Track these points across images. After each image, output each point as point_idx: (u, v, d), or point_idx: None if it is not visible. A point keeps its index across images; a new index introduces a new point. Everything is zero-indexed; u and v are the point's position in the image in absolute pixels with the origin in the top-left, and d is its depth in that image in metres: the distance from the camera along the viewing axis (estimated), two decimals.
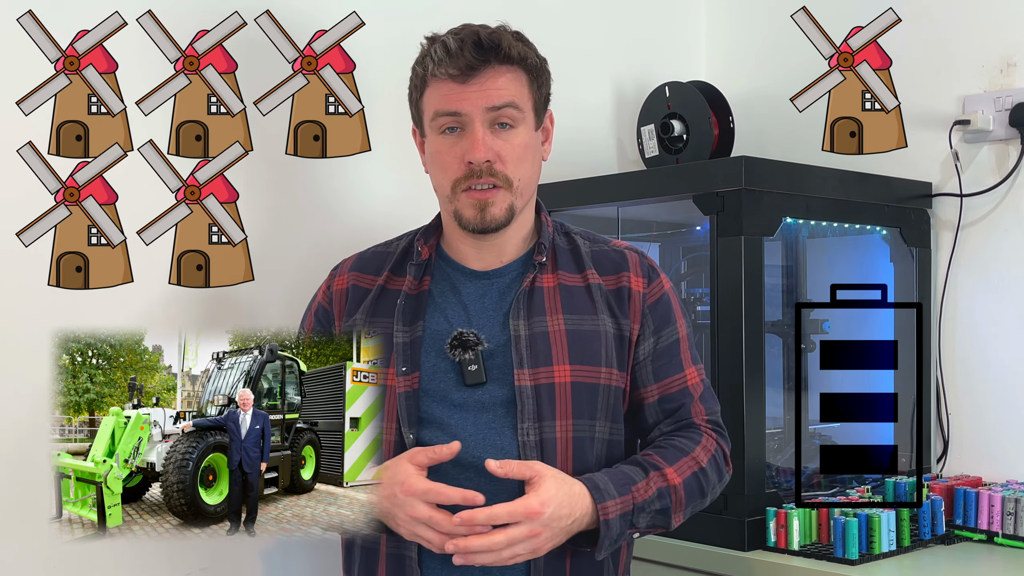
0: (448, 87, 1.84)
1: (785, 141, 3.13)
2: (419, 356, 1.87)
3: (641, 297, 1.95)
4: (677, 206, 2.68)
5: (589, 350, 1.89)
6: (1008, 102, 2.69)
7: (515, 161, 1.86)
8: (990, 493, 2.43)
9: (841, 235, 2.89)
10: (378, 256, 2.01)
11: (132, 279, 2.31)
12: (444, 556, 1.75)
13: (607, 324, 1.92)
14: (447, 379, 1.86)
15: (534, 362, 1.85)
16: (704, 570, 2.38)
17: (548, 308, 1.90)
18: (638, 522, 1.81)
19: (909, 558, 2.30)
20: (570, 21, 3.05)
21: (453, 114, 1.84)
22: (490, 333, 1.87)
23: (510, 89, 1.85)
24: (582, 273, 1.95)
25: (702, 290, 2.76)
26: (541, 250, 1.94)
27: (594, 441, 1.87)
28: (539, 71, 1.91)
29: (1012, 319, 2.71)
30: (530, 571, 1.81)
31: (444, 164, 1.88)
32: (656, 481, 1.83)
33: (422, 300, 1.91)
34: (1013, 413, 2.70)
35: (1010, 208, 2.72)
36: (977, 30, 2.78)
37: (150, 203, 2.34)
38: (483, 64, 1.83)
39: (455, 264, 1.95)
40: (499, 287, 1.92)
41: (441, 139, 1.87)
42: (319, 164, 2.56)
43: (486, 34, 1.83)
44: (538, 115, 1.93)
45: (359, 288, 1.97)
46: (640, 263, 1.98)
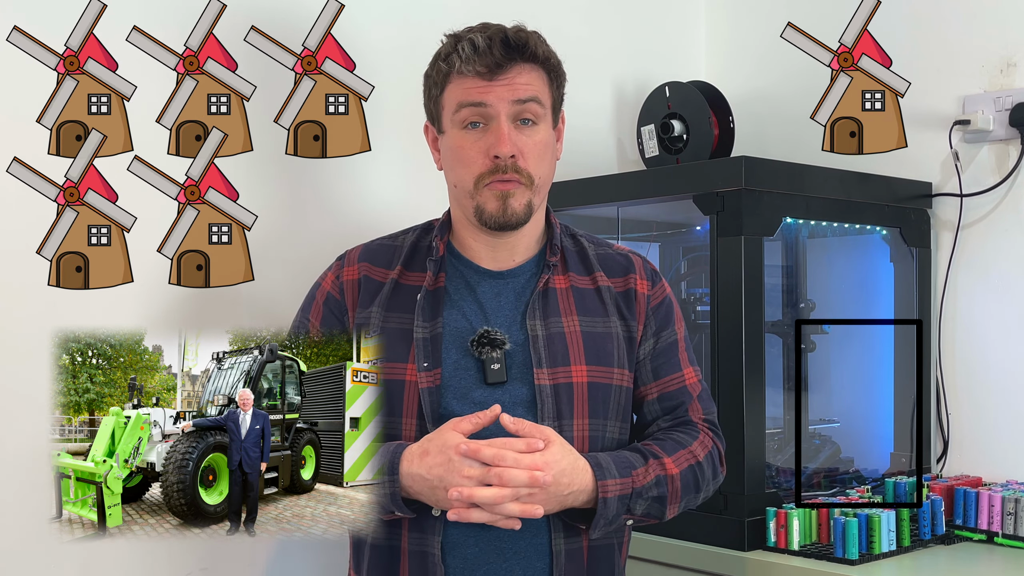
0: (474, 82, 1.85)
1: (785, 141, 3.12)
2: (440, 352, 1.86)
3: (646, 299, 1.98)
4: (677, 206, 2.67)
5: (603, 351, 1.91)
6: (1008, 102, 2.69)
7: (536, 158, 1.88)
8: (990, 493, 2.42)
9: (841, 235, 2.88)
10: (386, 249, 2.00)
11: (132, 279, 2.30)
12: (466, 553, 1.80)
13: (617, 326, 1.95)
14: (468, 376, 1.86)
15: (552, 362, 1.87)
16: (704, 570, 2.37)
17: (563, 309, 1.92)
18: (635, 507, 1.82)
19: (909, 558, 2.29)
20: (571, 22, 3.04)
21: (478, 105, 1.84)
22: (508, 332, 1.88)
23: (535, 85, 1.87)
24: (591, 275, 1.98)
25: (702, 290, 2.75)
26: (554, 251, 1.95)
27: (606, 440, 1.88)
28: (559, 71, 1.94)
29: (1012, 319, 2.70)
30: (552, 557, 1.84)
31: (467, 159, 1.87)
32: (655, 469, 1.85)
33: (439, 296, 1.91)
34: (1013, 413, 2.69)
35: (1010, 208, 2.71)
36: (977, 30, 2.77)
37: (150, 203, 2.33)
38: (510, 62, 1.84)
39: (468, 263, 1.95)
40: (514, 287, 1.93)
41: (463, 134, 1.87)
42: (319, 164, 2.54)
43: (513, 33, 1.85)
44: (555, 115, 1.94)
45: (372, 280, 1.96)
46: (644, 267, 2.03)
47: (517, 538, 1.82)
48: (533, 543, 1.83)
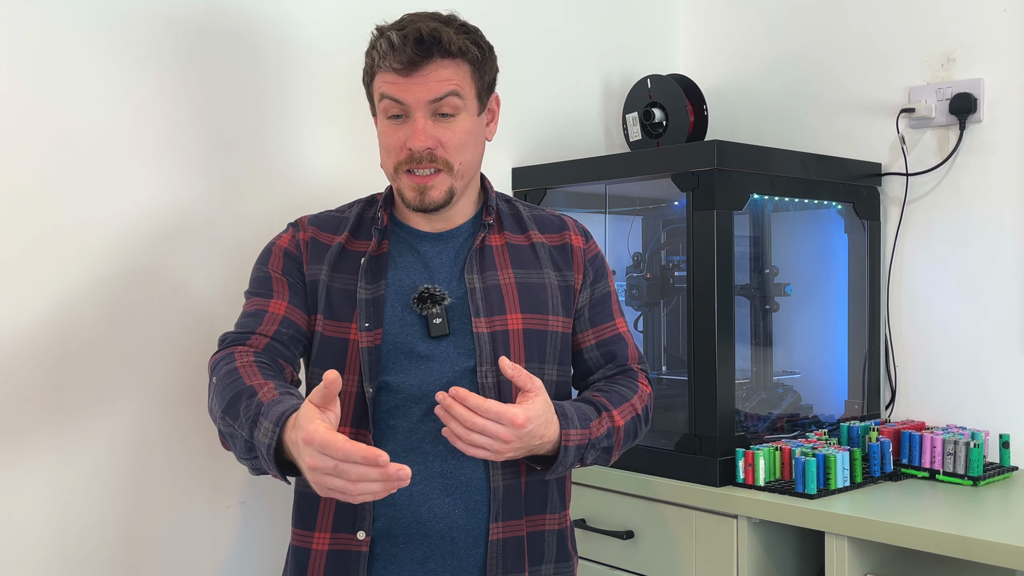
0: (392, 77, 1.77)
1: (752, 127, 3.14)
2: (382, 312, 1.81)
3: (582, 252, 1.96)
4: (657, 184, 2.69)
5: (537, 300, 1.87)
6: (948, 92, 2.69)
7: (457, 147, 1.80)
8: (932, 436, 2.44)
9: (802, 209, 2.89)
10: (332, 219, 1.94)
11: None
12: (412, 490, 1.75)
13: (552, 276, 1.91)
14: (412, 331, 1.81)
15: (489, 311, 1.82)
16: (681, 503, 2.39)
17: (498, 264, 1.88)
18: (587, 457, 1.80)
19: (861, 492, 2.31)
20: (564, 21, 3.04)
21: (396, 101, 1.78)
22: (449, 287, 1.84)
23: (452, 80, 1.77)
24: (525, 233, 1.94)
25: (679, 257, 2.76)
26: (489, 211, 1.91)
27: (544, 383, 1.78)
28: (481, 61, 1.81)
29: (950, 282, 2.72)
30: (490, 492, 1.80)
31: (388, 146, 1.82)
32: (606, 421, 1.82)
33: (383, 261, 1.86)
34: (952, 365, 2.71)
35: (949, 186, 2.72)
36: (921, 29, 2.78)
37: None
38: (424, 59, 1.74)
39: (410, 229, 1.91)
40: (454, 246, 1.89)
41: (387, 123, 1.81)
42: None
43: (428, 30, 1.73)
44: (481, 100, 1.85)
45: (319, 242, 1.89)
46: (577, 226, 2.01)
47: (459, 474, 1.78)
48: (474, 478, 1.79)
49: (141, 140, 2.18)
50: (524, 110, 2.91)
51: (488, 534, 1.80)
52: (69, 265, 2.08)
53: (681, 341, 2.80)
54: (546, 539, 1.88)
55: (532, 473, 1.84)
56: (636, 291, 2.81)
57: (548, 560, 1.89)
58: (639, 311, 2.89)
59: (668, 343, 2.89)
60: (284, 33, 2.41)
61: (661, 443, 2.49)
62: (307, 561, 1.81)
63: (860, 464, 2.36)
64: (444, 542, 1.78)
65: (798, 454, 2.31)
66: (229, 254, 2.31)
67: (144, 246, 2.19)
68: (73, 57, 2.08)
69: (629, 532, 2.48)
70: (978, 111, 2.65)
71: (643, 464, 2.48)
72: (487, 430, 1.62)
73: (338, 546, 1.79)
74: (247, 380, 1.65)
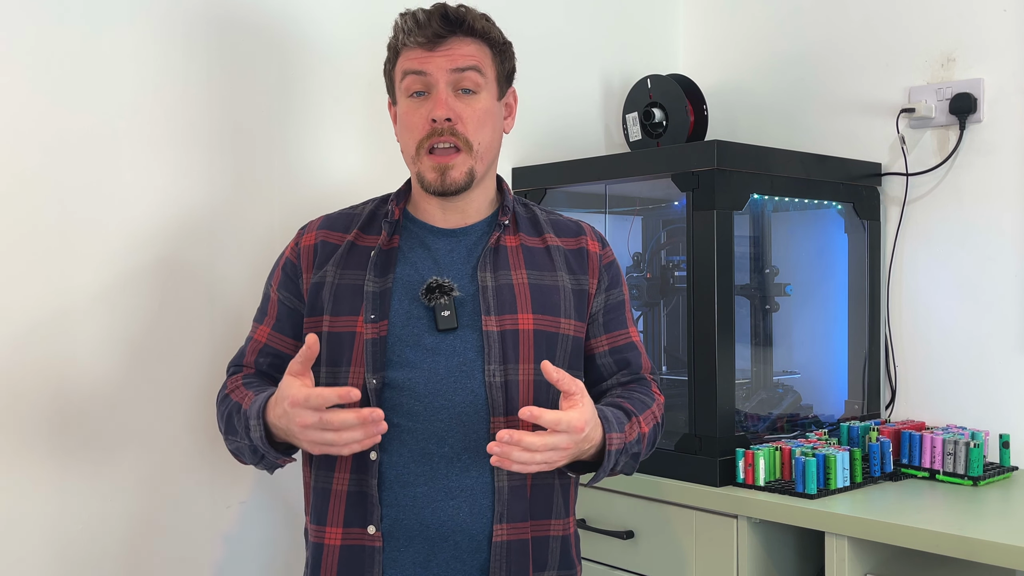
0: (417, 53, 1.80)
1: (752, 127, 3.13)
2: (389, 305, 1.79)
3: (598, 257, 1.94)
4: (657, 184, 2.67)
5: (549, 302, 1.84)
6: (948, 92, 2.67)
7: (476, 124, 1.81)
8: (932, 436, 2.42)
9: (802, 209, 2.88)
10: (345, 217, 1.94)
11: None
12: (415, 492, 1.74)
13: (566, 280, 1.88)
14: (419, 324, 1.78)
15: (500, 310, 1.80)
16: (681, 503, 2.37)
17: (512, 264, 1.85)
18: (620, 461, 1.78)
19: (861, 492, 2.29)
20: (564, 21, 3.03)
21: (420, 73, 1.79)
22: (460, 284, 1.81)
23: (475, 56, 1.80)
24: (541, 236, 1.92)
25: (679, 257, 2.75)
26: (505, 212, 1.90)
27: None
28: (502, 46, 1.86)
29: (950, 282, 2.70)
30: (495, 495, 1.77)
31: (411, 125, 1.82)
32: (636, 427, 1.80)
33: (392, 255, 1.85)
34: (952, 365, 2.69)
35: (949, 186, 2.70)
36: (921, 29, 2.76)
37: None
38: (449, 33, 1.78)
39: (422, 224, 1.89)
40: (467, 244, 1.87)
41: (409, 102, 1.82)
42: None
43: (453, 9, 1.79)
44: (500, 87, 1.87)
45: (328, 244, 1.89)
46: (594, 232, 1.99)
47: (464, 476, 1.76)
48: (479, 481, 1.76)
49: (159, 137, 2.18)
50: (524, 110, 2.86)
51: (492, 536, 1.77)
52: (76, 262, 2.06)
53: (681, 341, 2.78)
54: (551, 545, 1.85)
55: (537, 487, 1.82)
56: (636, 291, 2.80)
57: (552, 567, 1.85)
58: (639, 311, 2.88)
59: (668, 343, 2.87)
60: (306, 32, 2.41)
61: (661, 443, 2.46)
62: (322, 556, 1.81)
63: (860, 464, 2.34)
64: (447, 545, 1.76)
65: (798, 454, 2.30)
66: (242, 253, 2.30)
67: (155, 242, 2.18)
68: (93, 53, 2.07)
69: (629, 532, 2.47)
70: (978, 111, 2.63)
71: (643, 464, 2.45)
72: (556, 445, 1.62)
73: (351, 541, 1.78)
74: (235, 399, 1.81)
